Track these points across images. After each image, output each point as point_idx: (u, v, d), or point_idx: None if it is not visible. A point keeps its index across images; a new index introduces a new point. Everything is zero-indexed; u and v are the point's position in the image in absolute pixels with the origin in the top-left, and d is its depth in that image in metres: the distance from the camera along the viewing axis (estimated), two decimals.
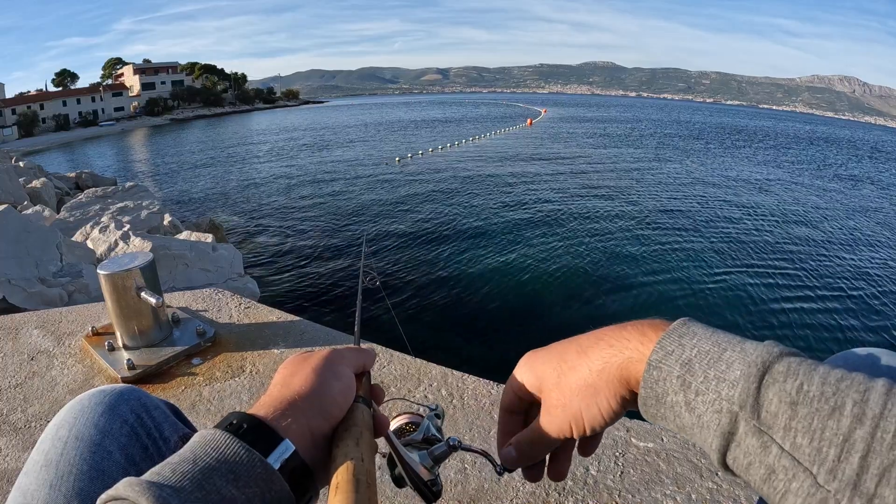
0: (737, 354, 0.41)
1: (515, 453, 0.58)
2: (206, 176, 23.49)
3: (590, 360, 0.51)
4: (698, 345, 0.44)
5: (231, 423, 0.46)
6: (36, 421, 1.70)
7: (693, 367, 0.43)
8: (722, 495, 1.35)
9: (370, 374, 0.63)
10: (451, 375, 1.92)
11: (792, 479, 0.36)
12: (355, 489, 0.44)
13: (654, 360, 0.45)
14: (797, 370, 0.38)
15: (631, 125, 58.76)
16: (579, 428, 0.52)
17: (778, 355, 0.40)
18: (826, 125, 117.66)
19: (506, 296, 8.99)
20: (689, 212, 15.61)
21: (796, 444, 0.36)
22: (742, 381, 0.40)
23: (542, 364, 0.55)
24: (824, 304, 9.35)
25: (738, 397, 0.39)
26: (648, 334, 0.48)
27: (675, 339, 0.45)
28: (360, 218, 14.30)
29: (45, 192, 12.31)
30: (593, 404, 0.50)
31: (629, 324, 0.51)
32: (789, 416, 0.37)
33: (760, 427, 0.38)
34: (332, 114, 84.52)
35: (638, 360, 0.47)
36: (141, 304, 1.97)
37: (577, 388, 0.51)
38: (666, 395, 0.44)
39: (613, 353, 0.49)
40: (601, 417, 0.50)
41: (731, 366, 0.41)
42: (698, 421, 0.42)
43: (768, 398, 0.38)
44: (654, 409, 0.46)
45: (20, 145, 47.22)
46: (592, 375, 0.50)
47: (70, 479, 0.61)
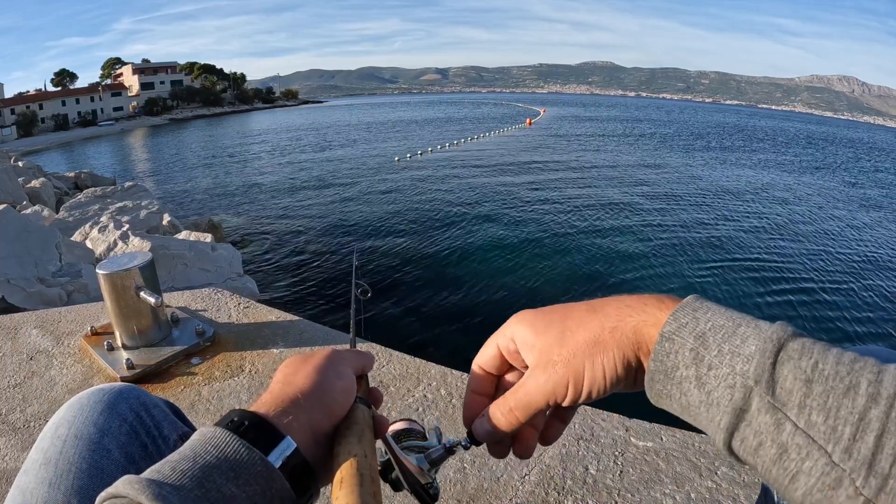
0: (752, 330, 0.41)
1: (491, 422, 0.53)
2: (204, 176, 23.49)
3: (603, 317, 0.48)
4: (713, 319, 0.42)
5: (232, 421, 0.45)
6: (35, 421, 1.70)
7: (707, 341, 0.41)
8: (721, 494, 1.35)
9: (368, 377, 0.63)
10: (450, 375, 1.92)
11: (805, 458, 0.35)
12: (360, 483, 0.44)
13: (667, 332, 0.43)
14: (812, 349, 0.38)
15: (630, 125, 58.80)
16: (576, 389, 0.48)
17: (792, 334, 0.39)
18: (825, 125, 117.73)
19: (505, 294, 8.99)
20: (688, 210, 15.62)
21: (811, 421, 0.36)
22: (758, 356, 0.39)
23: (542, 319, 0.52)
24: (822, 304, 9.37)
25: (754, 372, 0.38)
26: (666, 302, 0.46)
27: (690, 312, 0.44)
28: (359, 218, 14.28)
29: (45, 191, 12.31)
30: (598, 364, 0.47)
31: (646, 294, 0.49)
32: (804, 393, 0.36)
33: (775, 403, 0.37)
34: (331, 113, 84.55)
35: (653, 324, 0.45)
36: (140, 303, 1.97)
37: (584, 343, 0.48)
38: (676, 370, 0.43)
39: (630, 312, 0.47)
40: (603, 380, 0.47)
41: (746, 340, 0.40)
42: (707, 398, 0.41)
43: (783, 375, 0.37)
44: (661, 384, 0.44)
45: (19, 145, 47.20)
46: (605, 332, 0.47)
47: (69, 477, 0.61)
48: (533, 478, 1.44)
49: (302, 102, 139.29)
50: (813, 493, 0.35)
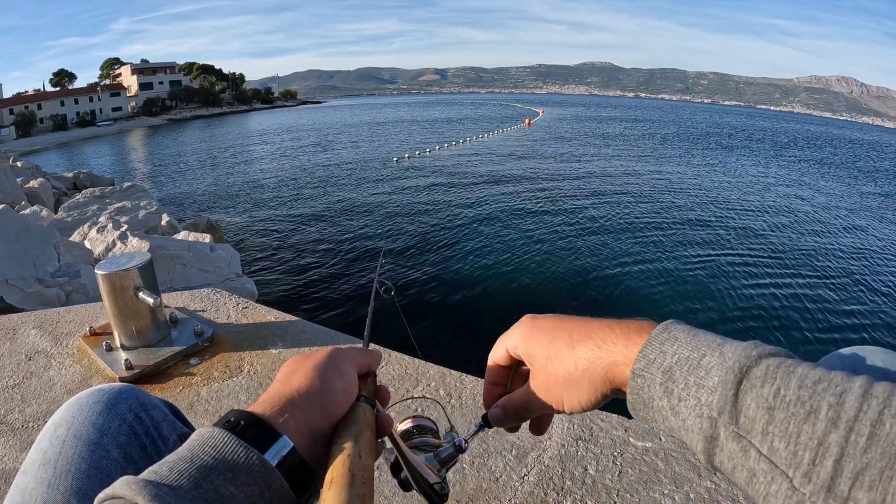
0: (715, 360, 0.42)
1: (503, 414, 0.62)
2: (203, 176, 23.46)
3: (576, 356, 0.53)
4: (678, 351, 0.45)
5: (229, 421, 0.45)
6: (33, 421, 1.70)
7: (674, 375, 0.44)
8: (720, 494, 1.36)
9: (376, 376, 0.62)
10: (449, 375, 1.92)
11: (771, 482, 0.37)
12: (349, 484, 0.43)
13: (637, 370, 0.47)
14: (775, 374, 0.39)
15: (629, 125, 58.81)
16: (560, 409, 0.56)
17: (756, 358, 0.41)
18: (824, 125, 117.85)
19: (504, 294, 8.99)
20: (686, 210, 15.62)
21: (773, 447, 0.37)
22: (720, 388, 0.40)
23: (535, 342, 0.58)
24: (821, 302, 9.37)
25: (717, 403, 0.40)
26: (634, 339, 0.49)
27: (657, 347, 0.46)
28: (357, 219, 14.27)
29: (43, 192, 12.29)
30: (574, 395, 0.53)
31: (617, 324, 0.52)
32: (766, 420, 0.38)
33: (739, 432, 0.39)
34: (330, 114, 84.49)
35: (623, 363, 0.49)
36: (139, 304, 1.97)
37: (561, 377, 0.54)
38: (652, 401, 0.46)
39: (600, 354, 0.51)
40: (580, 407, 0.54)
41: (709, 372, 0.42)
42: (683, 424, 0.43)
43: (746, 403, 0.39)
44: (644, 412, 0.47)
45: (18, 145, 47.11)
46: (578, 372, 0.52)
47: (68, 477, 0.61)
48: (532, 478, 1.44)
49: (301, 103, 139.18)
50: None
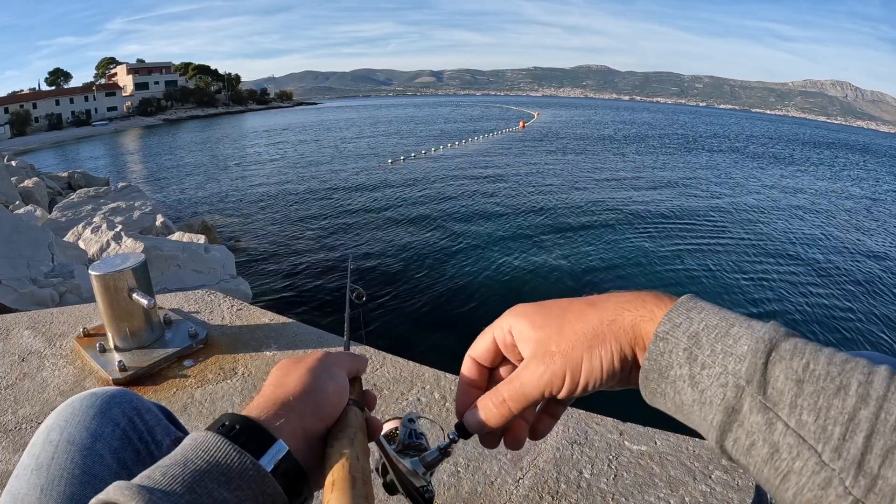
0: (744, 330, 0.41)
1: (482, 415, 0.53)
2: (198, 177, 23.40)
3: (602, 311, 0.49)
4: (706, 319, 0.43)
5: (223, 425, 0.45)
6: (26, 423, 1.69)
7: (700, 340, 0.42)
8: (715, 498, 1.36)
9: (362, 380, 0.63)
10: (444, 378, 1.92)
11: (796, 458, 0.36)
12: (352, 486, 0.43)
13: (661, 332, 0.44)
14: (804, 349, 0.38)
15: (623, 127, 59.01)
16: (574, 380, 0.48)
17: (784, 334, 0.40)
18: (818, 129, 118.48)
19: (499, 297, 8.98)
20: (684, 211, 15.67)
21: (802, 421, 0.36)
22: (750, 356, 0.39)
23: (541, 313, 0.53)
24: (823, 306, 9.42)
25: (746, 372, 0.39)
26: (664, 300, 0.47)
27: (684, 312, 0.44)
28: (352, 220, 14.26)
29: (38, 191, 12.24)
30: (597, 355, 0.47)
31: (632, 293, 0.50)
32: (795, 393, 0.37)
33: (766, 403, 0.38)
34: (326, 115, 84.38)
35: (650, 320, 0.46)
36: (133, 305, 1.96)
37: (583, 335, 0.48)
38: (670, 369, 0.43)
39: (629, 308, 0.48)
40: (600, 372, 0.47)
41: (738, 340, 0.41)
42: (700, 396, 0.41)
43: (775, 374, 0.38)
44: (656, 383, 0.44)
45: (12, 144, 46.95)
46: (603, 325, 0.48)
47: (61, 483, 0.60)
48: (527, 482, 1.43)
49: (296, 104, 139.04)
50: (804, 492, 0.35)
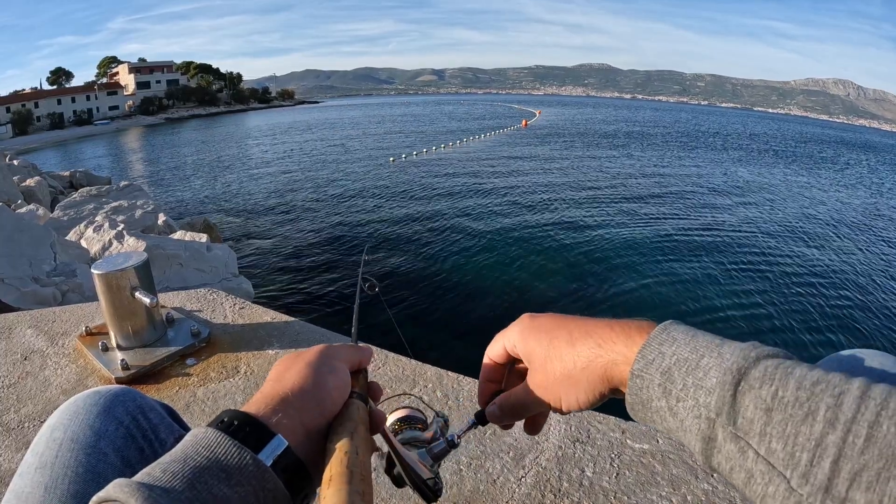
0: (714, 361, 0.43)
1: (499, 412, 0.62)
2: (200, 176, 23.43)
3: (576, 354, 0.53)
4: (677, 352, 0.45)
5: (222, 421, 0.45)
6: (29, 421, 1.69)
7: (672, 375, 0.44)
8: (717, 497, 1.36)
9: (367, 372, 0.63)
10: (446, 377, 1.92)
11: (768, 483, 0.37)
12: (348, 481, 0.43)
13: (636, 370, 0.47)
14: (773, 375, 0.39)
15: (625, 125, 58.91)
16: (557, 408, 0.56)
17: (755, 360, 0.41)
18: (821, 128, 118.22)
19: (500, 297, 8.99)
20: (685, 211, 15.66)
21: (771, 449, 0.37)
22: (718, 389, 0.41)
23: (534, 341, 0.57)
24: (821, 305, 9.40)
25: (715, 405, 0.40)
26: (634, 338, 0.49)
27: (656, 348, 0.46)
28: (354, 219, 14.25)
29: (40, 190, 12.25)
30: (572, 394, 0.53)
31: (617, 324, 0.52)
32: (764, 421, 0.38)
33: (737, 433, 0.39)
34: (327, 114, 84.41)
35: (622, 363, 0.49)
36: (135, 304, 1.96)
37: (560, 375, 0.54)
38: (651, 402, 0.46)
39: (600, 353, 0.51)
40: (577, 406, 0.54)
41: (707, 373, 0.42)
42: (681, 425, 0.44)
43: (744, 405, 0.39)
44: (642, 413, 0.47)
45: (14, 143, 47.03)
46: (576, 370, 0.52)
47: (65, 481, 0.61)
48: (529, 480, 1.44)
49: (298, 103, 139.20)
50: None
